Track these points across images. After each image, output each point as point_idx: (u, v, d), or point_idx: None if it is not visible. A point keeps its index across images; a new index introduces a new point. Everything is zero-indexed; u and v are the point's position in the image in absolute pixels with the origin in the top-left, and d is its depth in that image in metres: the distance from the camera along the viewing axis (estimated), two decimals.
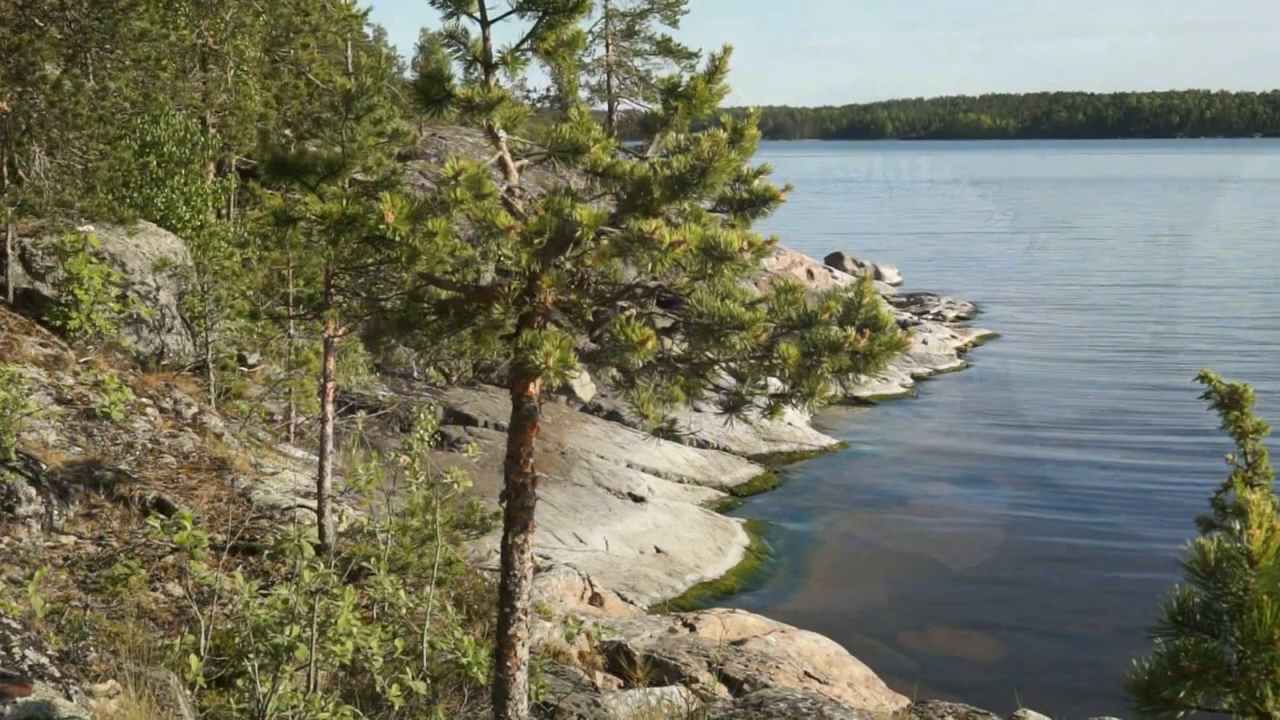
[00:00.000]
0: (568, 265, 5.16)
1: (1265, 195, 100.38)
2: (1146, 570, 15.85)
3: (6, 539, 9.04)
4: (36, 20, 14.31)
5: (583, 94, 42.42)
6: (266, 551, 9.68)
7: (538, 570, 12.85)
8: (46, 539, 9.37)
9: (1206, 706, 3.01)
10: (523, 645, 5.35)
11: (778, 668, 11.10)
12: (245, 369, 17.90)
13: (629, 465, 20.36)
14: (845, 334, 4.67)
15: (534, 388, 5.35)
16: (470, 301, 5.28)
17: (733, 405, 5.40)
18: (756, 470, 21.61)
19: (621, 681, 10.55)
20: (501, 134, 5.28)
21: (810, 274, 37.71)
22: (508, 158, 5.32)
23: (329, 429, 10.57)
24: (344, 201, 4.78)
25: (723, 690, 10.48)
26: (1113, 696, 10.41)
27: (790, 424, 23.07)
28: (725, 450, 22.16)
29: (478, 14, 5.30)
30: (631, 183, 4.95)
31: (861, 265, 44.93)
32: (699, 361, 5.22)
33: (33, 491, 9.46)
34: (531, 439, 5.40)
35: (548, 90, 43.55)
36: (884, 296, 39.01)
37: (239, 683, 6.94)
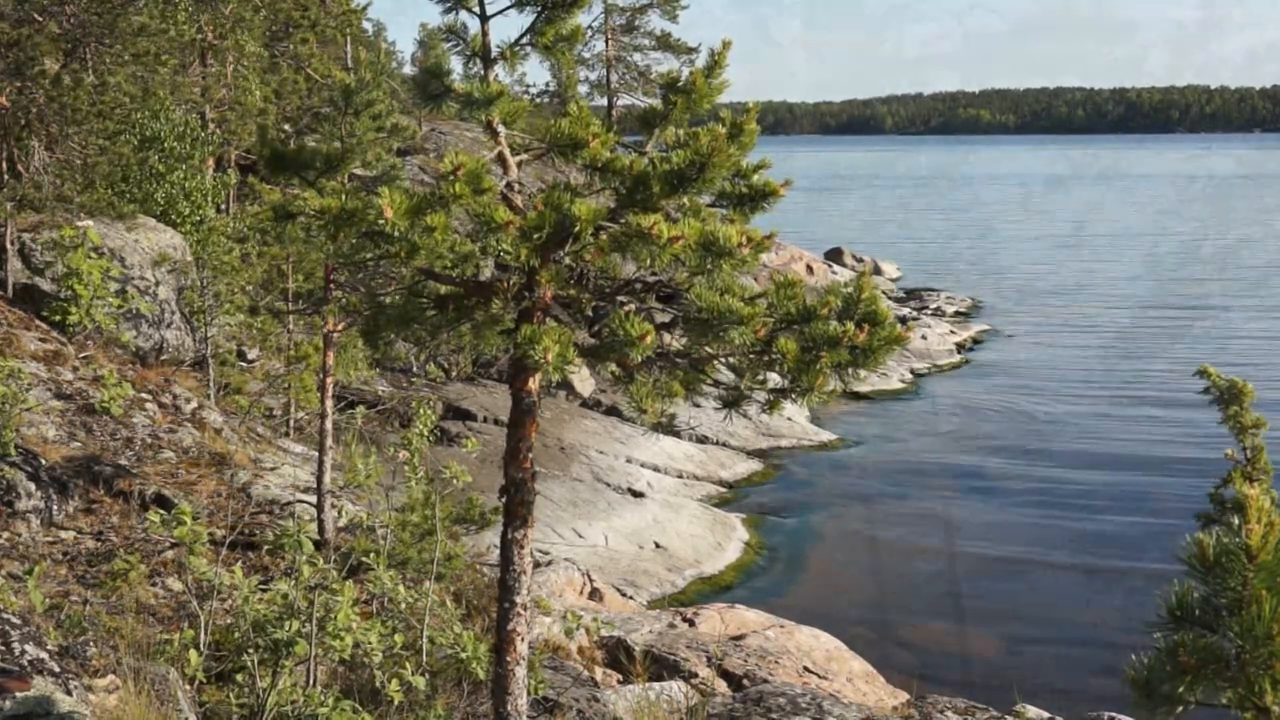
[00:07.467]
0: (567, 260, 5.15)
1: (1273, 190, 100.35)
2: (1146, 565, 15.87)
3: (6, 534, 9.04)
4: (36, 15, 14.29)
5: (582, 89, 42.46)
6: (266, 547, 9.69)
7: (537, 565, 12.86)
8: (46, 534, 9.37)
9: (1206, 701, 3.01)
10: (522, 640, 5.35)
11: (777, 663, 11.11)
12: (245, 364, 17.91)
13: (628, 460, 20.36)
14: (844, 329, 4.65)
15: (533, 383, 5.34)
16: (469, 296, 5.28)
17: (732, 400, 5.39)
18: (756, 465, 21.61)
19: (621, 677, 10.56)
20: (500, 129, 5.27)
21: (810, 269, 37.71)
22: (507, 153, 5.31)
23: (328, 424, 10.58)
24: (343, 196, 4.78)
25: (722, 685, 10.49)
26: (1112, 691, 10.44)
27: (789, 419, 23.08)
28: (724, 445, 22.17)
29: (477, 9, 5.28)
30: (630, 178, 4.94)
31: (861, 260, 44.92)
32: (698, 356, 5.21)
33: (32, 486, 9.46)
34: (531, 434, 5.39)
35: (547, 85, 43.63)
36: (883, 292, 39.01)
37: (239, 678, 6.95)
